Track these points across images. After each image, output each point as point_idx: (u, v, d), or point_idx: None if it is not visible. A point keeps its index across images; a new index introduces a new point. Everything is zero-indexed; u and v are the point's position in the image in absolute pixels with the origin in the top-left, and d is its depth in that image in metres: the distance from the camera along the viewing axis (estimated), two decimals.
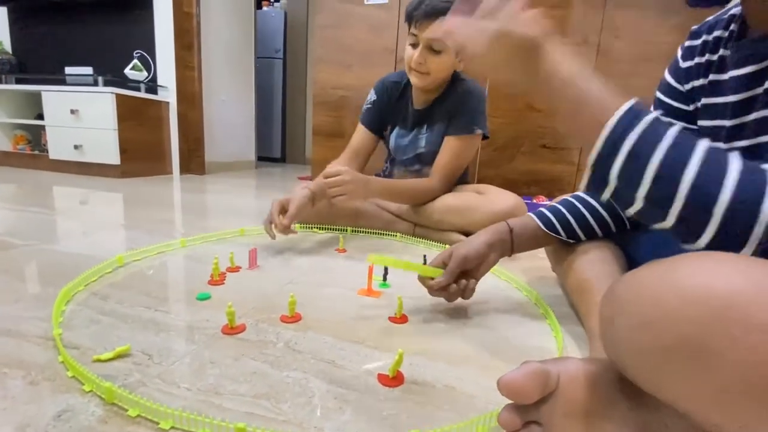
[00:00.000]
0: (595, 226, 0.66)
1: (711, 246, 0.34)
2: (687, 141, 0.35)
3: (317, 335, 0.55)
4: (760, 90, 0.42)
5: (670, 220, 0.35)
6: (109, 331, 0.53)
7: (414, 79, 1.07)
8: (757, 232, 0.32)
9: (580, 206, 0.66)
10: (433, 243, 1.11)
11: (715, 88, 0.49)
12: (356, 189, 0.97)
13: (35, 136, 2.50)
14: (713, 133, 0.49)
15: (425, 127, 1.16)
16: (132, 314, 0.58)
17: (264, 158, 4.21)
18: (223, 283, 0.71)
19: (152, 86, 2.46)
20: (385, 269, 0.76)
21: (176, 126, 2.52)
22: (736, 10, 0.48)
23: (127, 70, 2.38)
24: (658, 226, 0.37)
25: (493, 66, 0.43)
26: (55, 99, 2.19)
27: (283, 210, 0.93)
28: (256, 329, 0.55)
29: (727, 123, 0.47)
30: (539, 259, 0.91)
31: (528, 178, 1.80)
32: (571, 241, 0.68)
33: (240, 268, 0.79)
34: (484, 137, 1.15)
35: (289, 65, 4.24)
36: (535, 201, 1.57)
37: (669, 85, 0.57)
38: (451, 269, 0.61)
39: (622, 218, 0.66)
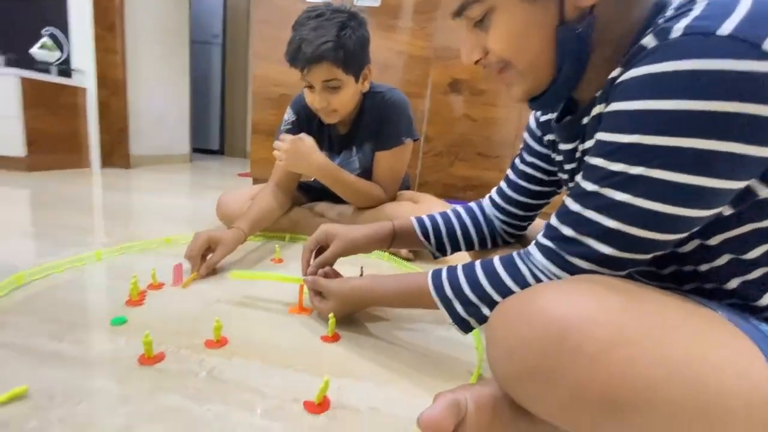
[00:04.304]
0: (462, 243, 0.72)
1: None
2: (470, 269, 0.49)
3: (244, 361, 0.54)
4: (574, 165, 0.51)
5: None
6: (3, 368, 0.48)
7: (324, 119, 1.03)
8: None
9: (454, 221, 0.72)
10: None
11: (557, 147, 0.56)
12: (291, 158, 0.98)
13: None
14: (565, 183, 0.58)
15: (354, 149, 1.14)
16: (32, 346, 0.53)
17: (200, 150, 3.97)
18: (143, 304, 0.67)
19: (65, 69, 2.20)
20: None
21: (96, 115, 2.29)
22: None
23: (35, 49, 2.11)
24: None
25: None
26: None
27: (209, 249, 0.83)
28: (177, 357, 0.53)
29: (564, 177, 0.56)
30: None
31: (465, 183, 1.88)
32: (438, 254, 0.73)
33: (163, 284, 0.74)
34: (416, 139, 1.15)
35: (228, 52, 4.02)
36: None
37: (531, 130, 0.64)
38: (334, 252, 0.70)
39: (486, 241, 0.72)
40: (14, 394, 0.43)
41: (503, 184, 0.69)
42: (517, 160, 0.67)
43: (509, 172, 0.68)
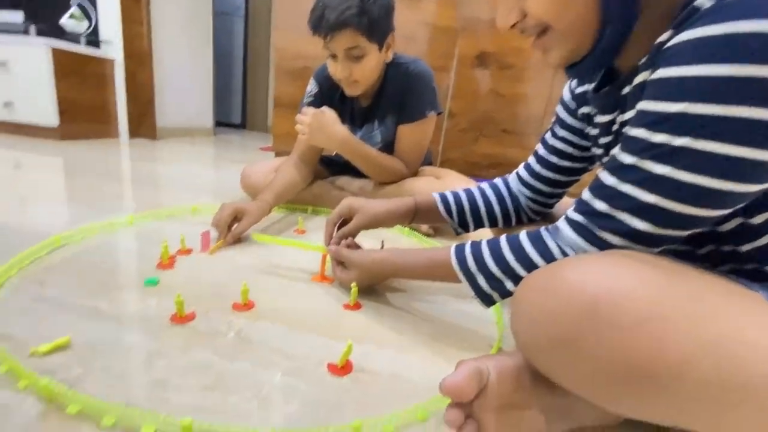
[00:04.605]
0: (485, 219, 0.71)
1: None
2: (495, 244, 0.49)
3: (269, 324, 0.56)
4: (610, 138, 0.48)
5: None
6: (47, 321, 0.51)
7: (346, 90, 1.02)
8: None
9: (478, 197, 0.71)
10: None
11: (592, 120, 0.53)
12: (313, 132, 0.98)
13: None
14: (599, 158, 0.56)
15: (376, 122, 1.12)
16: (72, 302, 0.56)
17: (222, 124, 4.01)
18: (173, 268, 0.69)
19: (94, 40, 2.24)
20: None
21: (123, 86, 2.33)
22: None
23: (65, 20, 2.14)
24: None
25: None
26: None
27: (235, 219, 0.85)
28: (206, 318, 0.55)
29: (598, 152, 0.54)
30: None
31: (489, 161, 1.85)
32: (461, 230, 0.72)
33: (191, 250, 0.77)
34: (439, 113, 1.12)
35: (250, 24, 3.98)
36: None
37: (565, 103, 0.61)
38: (357, 225, 0.71)
39: (510, 218, 0.71)
40: (58, 345, 0.46)
41: (532, 160, 0.67)
42: (548, 135, 0.65)
43: (539, 147, 0.66)
